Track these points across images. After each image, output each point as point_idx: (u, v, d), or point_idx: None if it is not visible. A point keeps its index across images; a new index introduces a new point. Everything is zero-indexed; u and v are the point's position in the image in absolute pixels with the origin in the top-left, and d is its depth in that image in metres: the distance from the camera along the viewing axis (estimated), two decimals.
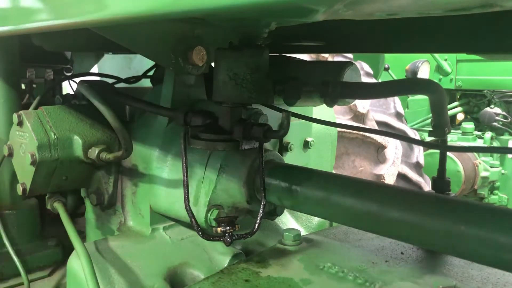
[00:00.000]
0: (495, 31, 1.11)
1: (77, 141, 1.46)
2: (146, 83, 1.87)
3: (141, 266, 1.39)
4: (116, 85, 1.77)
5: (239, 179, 1.32)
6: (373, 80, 4.57)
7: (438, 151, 1.31)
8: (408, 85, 1.36)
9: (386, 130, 4.28)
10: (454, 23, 1.14)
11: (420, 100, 7.47)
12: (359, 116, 3.98)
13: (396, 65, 6.94)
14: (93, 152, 1.45)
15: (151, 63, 1.85)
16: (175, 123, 1.39)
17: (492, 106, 7.05)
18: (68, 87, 2.72)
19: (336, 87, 1.27)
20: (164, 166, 1.46)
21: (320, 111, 2.00)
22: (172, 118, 1.43)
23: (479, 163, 6.20)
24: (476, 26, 1.12)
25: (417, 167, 4.64)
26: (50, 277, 1.85)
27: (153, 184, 1.49)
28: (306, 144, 2.01)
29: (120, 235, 1.57)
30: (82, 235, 1.57)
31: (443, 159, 1.33)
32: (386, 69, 6.19)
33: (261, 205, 1.26)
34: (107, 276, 1.34)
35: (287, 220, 1.84)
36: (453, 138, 6.44)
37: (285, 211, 1.77)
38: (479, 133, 6.78)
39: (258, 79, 1.16)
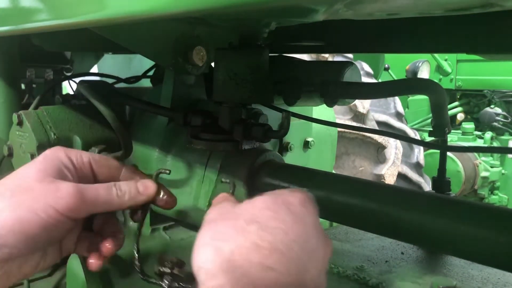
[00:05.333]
0: (495, 31, 1.10)
1: (77, 141, 1.46)
2: (146, 83, 1.86)
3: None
4: (116, 85, 1.77)
5: (239, 179, 1.32)
6: (373, 80, 4.57)
7: (438, 151, 1.31)
8: (408, 85, 1.36)
9: (386, 130, 4.27)
10: (454, 23, 1.13)
11: (420, 100, 7.46)
12: (359, 116, 3.98)
13: (396, 65, 6.93)
14: (93, 152, 1.45)
15: (151, 63, 1.85)
16: (175, 123, 1.39)
17: (492, 106, 7.04)
18: (68, 87, 2.71)
19: (336, 87, 1.27)
20: (164, 166, 1.46)
21: (320, 111, 1.99)
22: (172, 118, 1.43)
23: (479, 163, 6.19)
24: (476, 26, 1.12)
25: (417, 167, 4.63)
26: (50, 277, 1.85)
27: None
28: (306, 144, 2.00)
29: None
30: None
31: (443, 159, 1.33)
32: (386, 69, 6.19)
33: None
34: (107, 276, 1.34)
35: None
36: (453, 138, 6.43)
37: None
38: (479, 133, 6.77)
39: (258, 79, 1.15)
